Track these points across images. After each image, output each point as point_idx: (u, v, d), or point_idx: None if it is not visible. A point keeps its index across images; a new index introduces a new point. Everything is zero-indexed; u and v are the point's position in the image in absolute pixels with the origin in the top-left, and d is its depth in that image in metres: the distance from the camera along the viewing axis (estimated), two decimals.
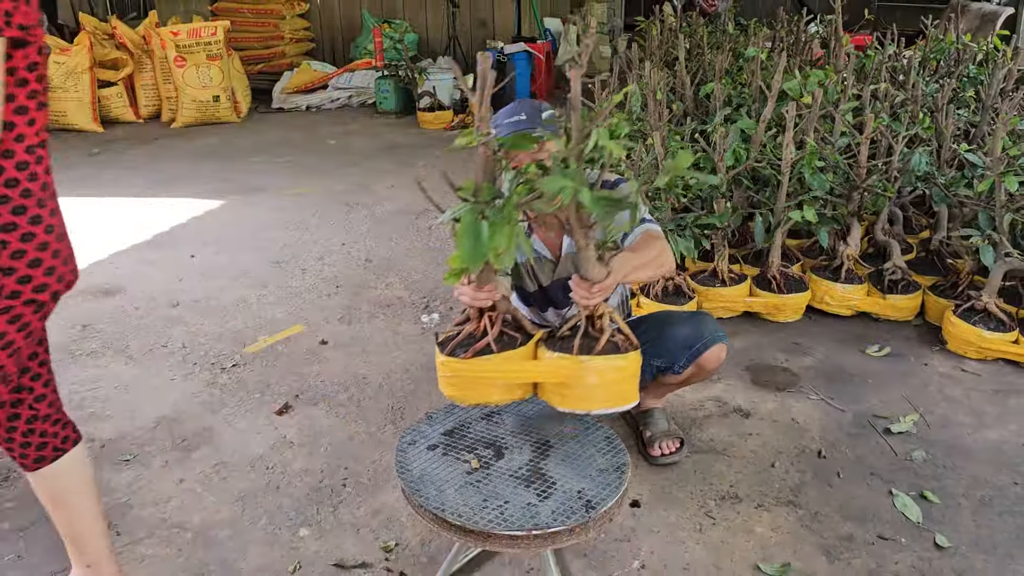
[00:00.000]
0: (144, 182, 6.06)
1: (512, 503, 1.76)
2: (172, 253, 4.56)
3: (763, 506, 2.43)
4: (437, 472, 1.88)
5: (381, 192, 5.81)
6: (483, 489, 1.81)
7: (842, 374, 3.18)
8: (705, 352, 2.44)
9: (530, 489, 1.81)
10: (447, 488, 1.82)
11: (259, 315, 3.76)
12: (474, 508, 1.75)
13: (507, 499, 1.78)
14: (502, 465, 1.91)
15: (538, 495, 1.79)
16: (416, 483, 1.84)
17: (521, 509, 1.74)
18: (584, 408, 1.83)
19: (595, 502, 1.76)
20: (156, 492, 2.51)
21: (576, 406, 1.83)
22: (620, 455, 1.95)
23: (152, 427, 2.86)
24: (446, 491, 1.81)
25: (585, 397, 1.81)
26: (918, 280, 3.63)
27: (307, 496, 2.49)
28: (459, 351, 1.87)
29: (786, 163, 3.42)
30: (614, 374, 1.79)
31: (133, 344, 3.48)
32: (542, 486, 1.82)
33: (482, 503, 1.76)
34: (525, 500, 1.77)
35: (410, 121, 8.36)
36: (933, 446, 2.71)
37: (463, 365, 1.83)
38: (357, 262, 4.42)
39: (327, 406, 2.99)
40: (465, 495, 1.79)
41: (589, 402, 1.82)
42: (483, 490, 1.81)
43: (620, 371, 1.79)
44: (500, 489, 1.81)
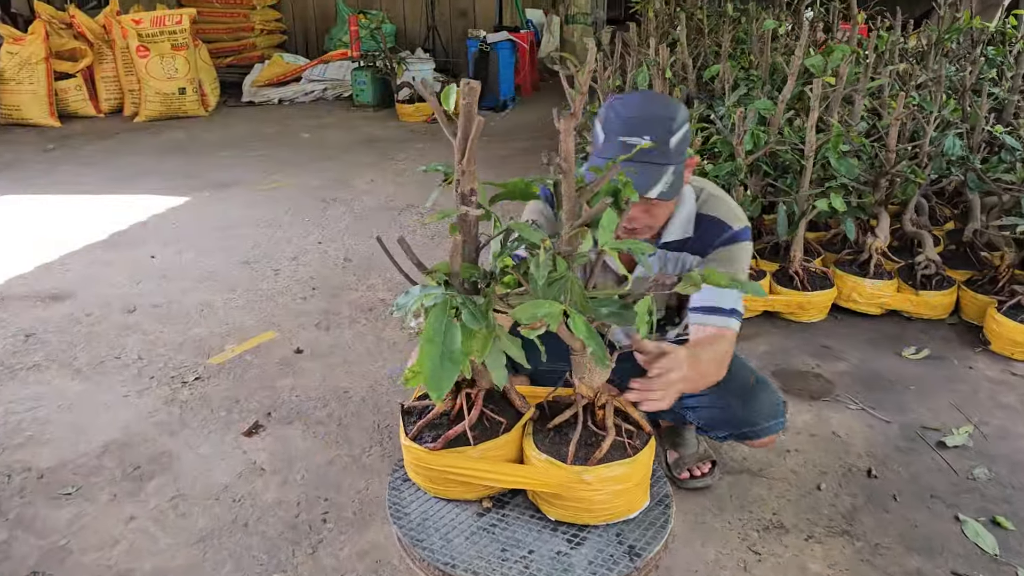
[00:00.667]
0: (102, 179, 5.63)
1: (538, 552, 1.41)
2: (130, 253, 4.15)
3: (813, 537, 2.09)
4: (441, 515, 1.52)
5: (360, 187, 5.42)
6: (500, 536, 1.46)
7: (880, 380, 2.85)
8: (755, 440, 2.07)
9: (557, 533, 1.46)
10: (455, 536, 1.46)
11: (226, 321, 3.37)
12: (492, 561, 1.39)
13: (531, 547, 1.42)
14: (520, 503, 1.55)
15: (568, 541, 1.44)
16: (416, 530, 1.48)
17: (550, 560, 1.39)
18: (579, 521, 1.47)
19: (639, 547, 1.42)
20: (101, 533, 2.12)
21: (569, 519, 1.47)
22: (660, 484, 1.61)
23: (99, 453, 2.47)
24: (454, 540, 1.45)
25: (581, 510, 1.46)
26: (951, 275, 3.32)
27: (281, 535, 2.11)
28: (426, 435, 1.51)
29: (810, 147, 3.10)
30: (618, 484, 1.43)
31: (82, 356, 3.07)
32: (572, 529, 1.47)
33: (501, 554, 1.41)
34: (554, 548, 1.42)
35: (389, 114, 7.98)
36: (995, 462, 2.39)
37: (431, 457, 1.47)
38: (335, 262, 4.04)
39: (303, 425, 2.61)
40: (479, 544, 1.44)
41: (585, 515, 1.46)
42: (500, 537, 1.46)
43: (626, 479, 1.44)
44: (521, 535, 1.46)
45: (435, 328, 1.22)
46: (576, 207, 1.33)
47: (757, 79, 3.96)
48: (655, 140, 1.58)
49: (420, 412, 1.59)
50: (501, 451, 1.50)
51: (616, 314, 1.32)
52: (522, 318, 1.22)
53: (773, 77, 4.02)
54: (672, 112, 1.65)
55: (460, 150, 1.29)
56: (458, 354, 1.20)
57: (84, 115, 7.70)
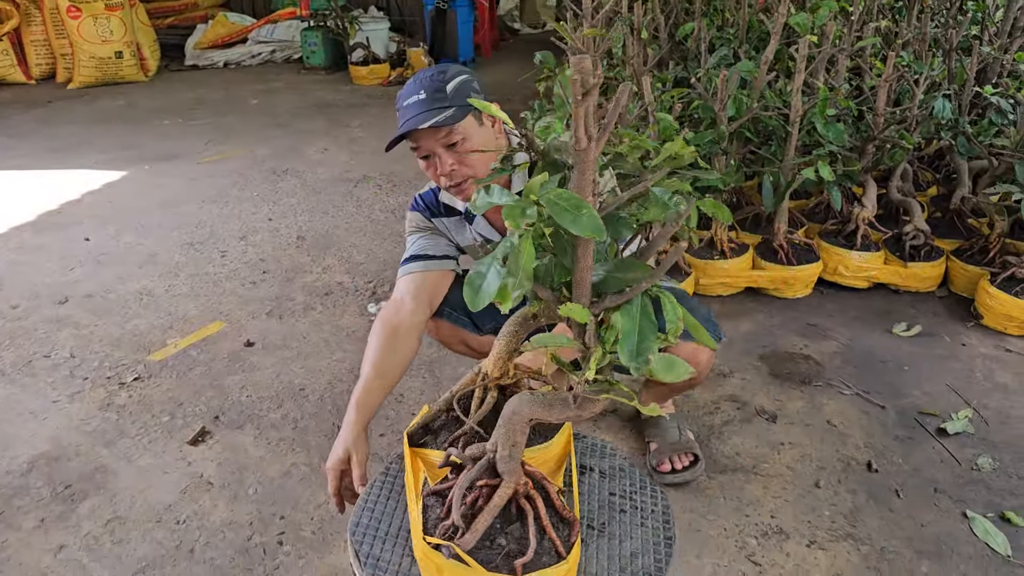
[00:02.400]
0: (32, 151, 5.23)
1: None
2: (61, 236, 3.82)
3: (816, 543, 1.93)
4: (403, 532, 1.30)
5: (313, 157, 5.11)
6: None
7: (872, 361, 2.70)
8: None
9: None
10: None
11: (168, 311, 3.09)
12: None
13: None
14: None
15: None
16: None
17: None
18: None
19: None
20: (25, 567, 1.88)
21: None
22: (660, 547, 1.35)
23: (25, 471, 2.21)
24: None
25: None
26: (939, 244, 3.17)
27: (231, 562, 1.89)
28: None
29: (795, 112, 2.90)
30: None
31: (6, 355, 2.78)
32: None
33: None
34: None
35: (342, 77, 7.61)
36: (999, 450, 2.26)
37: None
38: (287, 241, 3.76)
39: (255, 430, 2.37)
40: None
41: None
42: None
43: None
44: None
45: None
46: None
47: (733, 38, 3.73)
48: (428, 91, 1.69)
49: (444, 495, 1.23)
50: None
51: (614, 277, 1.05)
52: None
53: (749, 35, 3.79)
54: (443, 70, 1.74)
55: None
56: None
57: (13, 82, 7.21)
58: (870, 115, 3.11)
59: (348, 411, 1.63)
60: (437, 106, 1.66)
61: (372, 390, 1.67)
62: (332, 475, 1.56)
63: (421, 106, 1.67)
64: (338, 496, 1.57)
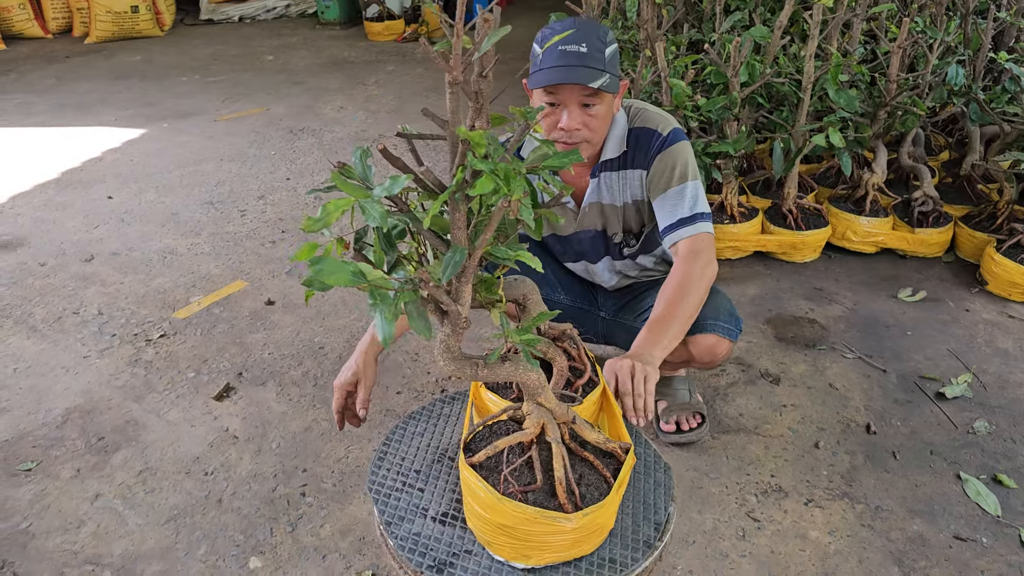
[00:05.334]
0: (52, 108, 5.29)
1: (481, 556, 1.27)
2: (85, 194, 3.91)
3: (813, 501, 2.02)
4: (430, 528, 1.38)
5: (329, 115, 5.15)
6: (461, 522, 1.33)
7: (876, 325, 2.76)
8: (695, 336, 1.96)
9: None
10: (424, 517, 1.33)
11: (191, 270, 3.18)
12: (442, 546, 1.27)
13: (473, 550, 1.28)
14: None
15: (526, 570, 1.27)
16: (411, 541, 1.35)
17: (488, 567, 1.25)
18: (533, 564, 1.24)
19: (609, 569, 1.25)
20: (65, 514, 2.00)
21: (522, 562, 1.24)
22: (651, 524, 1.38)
23: (60, 422, 2.32)
24: (417, 520, 1.33)
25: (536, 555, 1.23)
26: (948, 210, 3.20)
27: (257, 511, 2.00)
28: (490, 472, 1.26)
29: (808, 78, 2.91)
30: (580, 533, 1.19)
31: (38, 312, 2.89)
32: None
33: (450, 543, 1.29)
34: (496, 557, 1.27)
35: (357, 32, 7.58)
36: (995, 414, 2.33)
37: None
38: (305, 200, 3.83)
39: (277, 386, 2.48)
40: (437, 528, 1.31)
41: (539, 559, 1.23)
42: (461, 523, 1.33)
43: (588, 526, 1.19)
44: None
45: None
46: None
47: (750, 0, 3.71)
48: (591, 47, 1.70)
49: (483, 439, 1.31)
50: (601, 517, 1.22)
51: None
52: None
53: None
54: (604, 30, 1.76)
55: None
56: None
57: (30, 36, 7.24)
58: (883, 81, 3.12)
59: (363, 339, 1.71)
60: (597, 67, 1.70)
61: None
62: (338, 393, 1.65)
63: (582, 59, 1.69)
64: (340, 415, 1.66)
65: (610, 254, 2.14)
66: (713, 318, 1.96)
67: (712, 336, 1.96)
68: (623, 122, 1.95)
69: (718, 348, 1.99)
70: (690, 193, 1.89)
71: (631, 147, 1.95)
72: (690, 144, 1.96)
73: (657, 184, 1.92)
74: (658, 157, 1.92)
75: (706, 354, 2.02)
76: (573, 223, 2.07)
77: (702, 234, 1.87)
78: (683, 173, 1.91)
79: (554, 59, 1.71)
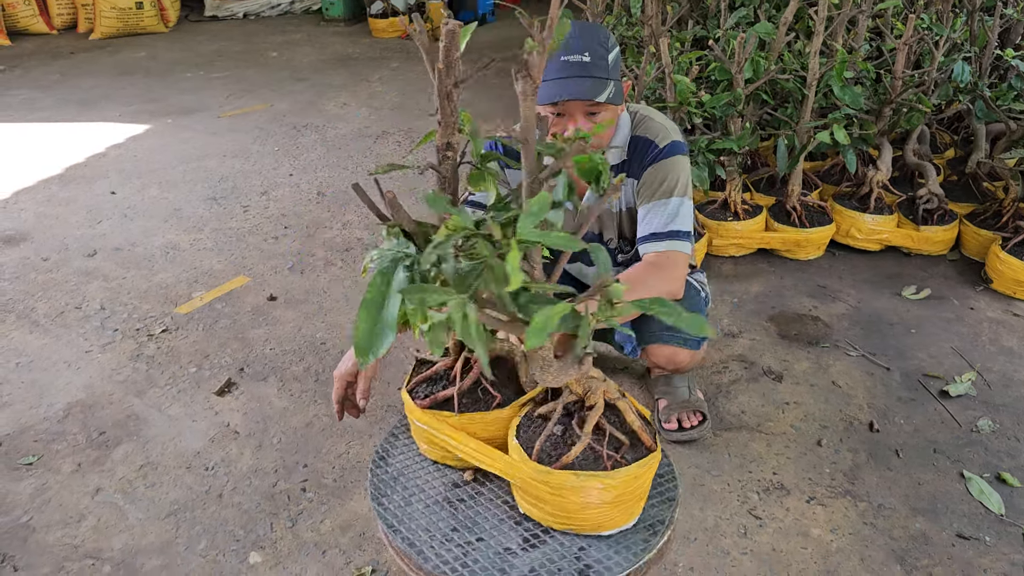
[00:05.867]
0: (56, 104, 5.30)
1: (487, 543, 1.27)
2: (88, 189, 3.91)
3: (816, 499, 2.01)
4: (416, 474, 1.42)
5: (332, 111, 5.15)
6: (459, 514, 1.33)
7: (880, 323, 2.75)
8: (653, 346, 2.01)
9: (519, 529, 1.30)
10: (416, 501, 1.35)
11: (193, 265, 3.18)
12: (435, 536, 1.27)
13: (482, 535, 1.29)
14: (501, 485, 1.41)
15: (525, 540, 1.28)
16: (384, 483, 1.40)
17: (494, 555, 1.25)
18: (544, 523, 1.30)
19: (595, 570, 1.25)
20: (66, 508, 2.00)
21: (536, 517, 1.30)
22: (661, 507, 1.39)
23: (62, 417, 2.32)
24: (413, 504, 1.34)
25: (545, 512, 1.28)
26: (953, 208, 3.19)
27: (257, 507, 2.00)
28: (419, 390, 1.43)
29: (812, 74, 2.90)
30: (582, 496, 1.23)
31: (40, 306, 2.89)
32: (536, 528, 1.31)
33: (448, 532, 1.29)
34: (505, 543, 1.26)
35: (361, 29, 7.58)
36: (999, 412, 2.31)
37: (417, 413, 1.39)
38: (308, 196, 3.83)
39: (279, 382, 2.47)
40: (433, 515, 1.32)
41: (549, 519, 1.28)
42: (459, 515, 1.33)
43: (595, 494, 1.23)
44: (481, 519, 1.32)
45: (375, 289, 1.03)
46: (536, 183, 1.11)
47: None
48: (593, 56, 1.68)
49: (424, 367, 1.51)
50: (485, 427, 1.38)
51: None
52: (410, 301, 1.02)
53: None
54: (605, 35, 1.75)
55: (442, 97, 1.07)
56: (391, 320, 1.01)
57: (36, 32, 7.25)
58: (888, 78, 3.10)
59: None
60: (601, 75, 1.69)
61: None
62: (338, 383, 1.64)
63: (585, 70, 1.67)
64: (339, 405, 1.66)
65: None
66: (670, 329, 1.98)
67: (668, 347, 2.01)
68: (626, 128, 1.95)
69: (677, 357, 2.04)
70: (672, 209, 1.87)
71: (630, 155, 1.95)
72: (687, 159, 1.94)
73: (642, 195, 1.92)
74: (649, 168, 1.91)
75: (667, 363, 2.07)
76: (572, 224, 2.06)
77: (673, 252, 1.84)
78: (670, 188, 1.89)
79: (556, 70, 1.69)
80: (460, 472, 1.43)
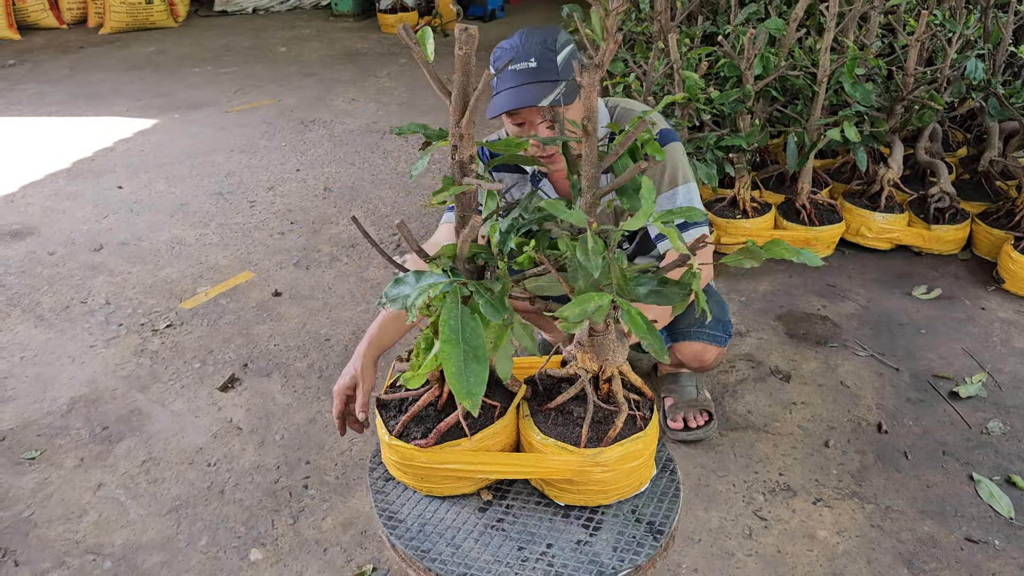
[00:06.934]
0: (65, 98, 5.31)
1: (558, 545, 1.26)
2: (95, 184, 3.91)
3: (822, 500, 1.99)
4: (440, 516, 1.35)
5: (340, 107, 5.14)
6: (512, 532, 1.30)
7: (889, 323, 2.72)
8: (678, 343, 2.01)
9: (571, 520, 1.31)
10: (463, 539, 1.29)
11: (199, 260, 3.18)
12: (511, 563, 1.24)
13: (549, 540, 1.27)
14: (521, 490, 1.40)
15: (585, 527, 1.29)
16: (417, 539, 1.31)
17: (572, 552, 1.24)
18: (591, 504, 1.34)
19: (658, 523, 1.29)
20: (68, 503, 1.99)
21: (581, 503, 1.33)
22: (660, 449, 1.45)
23: (65, 411, 2.32)
24: (463, 544, 1.29)
25: (594, 493, 1.32)
26: (965, 207, 3.15)
27: (259, 503, 1.99)
28: (413, 430, 1.34)
29: (823, 71, 2.86)
30: (633, 461, 1.30)
31: (46, 300, 2.89)
32: (584, 513, 1.32)
33: (518, 553, 1.26)
34: (573, 537, 1.27)
35: (370, 24, 7.57)
36: (1010, 414, 2.28)
37: (425, 455, 1.31)
38: (314, 192, 3.82)
39: (282, 378, 2.46)
40: (492, 545, 1.28)
41: (599, 497, 1.32)
42: (512, 533, 1.30)
43: (639, 455, 1.30)
44: (534, 527, 1.30)
45: (452, 326, 1.02)
46: (596, 173, 1.13)
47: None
48: (540, 60, 1.67)
49: (399, 405, 1.42)
50: (499, 439, 1.35)
51: (656, 292, 1.17)
52: (570, 316, 1.05)
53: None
54: (552, 36, 1.73)
55: (458, 110, 1.07)
56: (483, 351, 1.01)
57: (46, 27, 7.26)
58: (900, 75, 3.06)
59: (361, 342, 1.69)
60: (549, 79, 1.66)
61: (387, 329, 1.72)
62: (337, 399, 1.63)
63: (531, 76, 1.66)
64: (340, 419, 1.64)
65: None
66: (698, 325, 1.99)
67: (697, 344, 2.00)
68: (604, 121, 1.91)
69: (705, 354, 2.03)
70: (681, 198, 1.86)
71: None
72: (680, 145, 1.92)
73: None
74: None
75: (694, 360, 2.05)
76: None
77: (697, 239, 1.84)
78: (673, 177, 1.87)
79: (506, 81, 1.69)
80: (475, 496, 1.39)
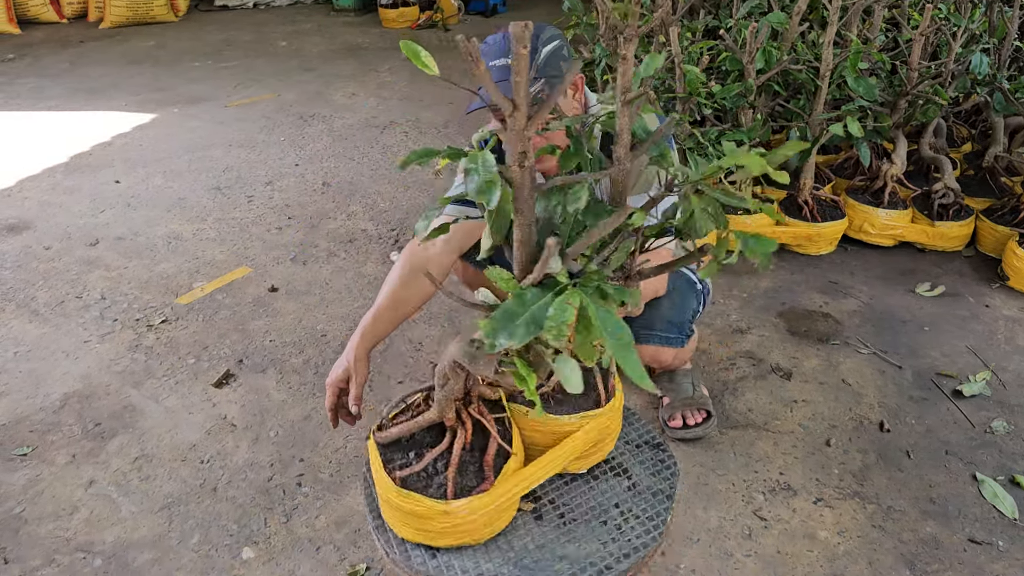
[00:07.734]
0: (65, 92, 5.28)
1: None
2: (92, 178, 3.88)
3: (823, 500, 1.96)
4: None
5: (340, 101, 5.11)
6: (572, 535, 1.30)
7: (892, 320, 2.68)
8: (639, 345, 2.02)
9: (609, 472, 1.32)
10: (526, 559, 1.26)
11: (195, 255, 3.15)
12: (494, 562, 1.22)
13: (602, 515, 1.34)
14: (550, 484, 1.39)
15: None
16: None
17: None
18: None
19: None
20: (59, 499, 1.97)
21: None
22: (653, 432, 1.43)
23: (58, 407, 2.30)
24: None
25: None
26: (969, 203, 3.11)
27: (252, 501, 1.96)
28: (428, 481, 1.28)
29: (826, 65, 2.83)
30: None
31: (40, 295, 2.87)
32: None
33: (498, 554, 1.24)
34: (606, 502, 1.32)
35: (371, 19, 7.53)
36: (1014, 413, 2.25)
37: (448, 511, 1.22)
38: (313, 187, 3.79)
39: (278, 374, 2.44)
40: (555, 555, 1.26)
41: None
42: (571, 537, 1.30)
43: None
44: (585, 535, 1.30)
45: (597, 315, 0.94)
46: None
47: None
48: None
49: (397, 451, 1.35)
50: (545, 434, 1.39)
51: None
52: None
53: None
54: (536, 33, 1.70)
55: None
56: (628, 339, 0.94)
57: (46, 21, 7.23)
58: (904, 69, 3.03)
59: (354, 334, 1.66)
60: (537, 76, 1.64)
61: (381, 319, 1.69)
62: (330, 391, 1.61)
63: (505, 73, 1.63)
64: (333, 412, 1.62)
65: None
66: (648, 328, 2.02)
67: (649, 347, 2.04)
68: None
69: (661, 356, 2.07)
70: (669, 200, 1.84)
71: (606, 149, 1.90)
72: (673, 144, 1.89)
73: (638, 186, 1.85)
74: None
75: (652, 362, 2.10)
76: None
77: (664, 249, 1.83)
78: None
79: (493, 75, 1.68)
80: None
